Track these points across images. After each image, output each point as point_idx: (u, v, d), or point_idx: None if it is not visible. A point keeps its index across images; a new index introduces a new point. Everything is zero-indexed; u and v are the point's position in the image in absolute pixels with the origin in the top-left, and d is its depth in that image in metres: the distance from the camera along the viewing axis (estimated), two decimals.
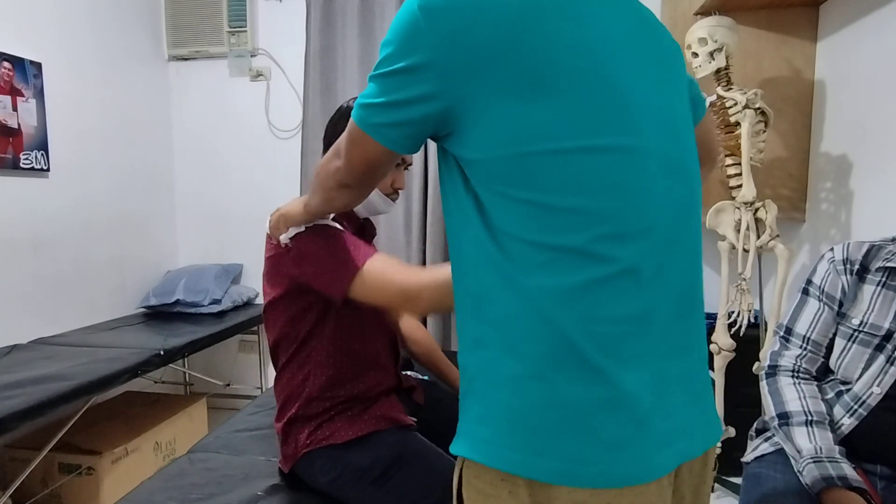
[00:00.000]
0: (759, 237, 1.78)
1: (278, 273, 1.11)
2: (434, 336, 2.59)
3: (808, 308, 1.15)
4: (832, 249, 1.14)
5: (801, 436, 1.04)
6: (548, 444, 0.60)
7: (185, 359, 2.74)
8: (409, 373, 1.40)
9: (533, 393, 0.61)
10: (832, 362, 1.11)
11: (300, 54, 2.75)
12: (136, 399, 2.46)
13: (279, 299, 1.13)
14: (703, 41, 1.75)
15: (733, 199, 1.79)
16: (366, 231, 1.26)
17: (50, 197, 2.28)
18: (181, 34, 2.88)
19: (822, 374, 1.14)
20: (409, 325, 1.49)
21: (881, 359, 1.02)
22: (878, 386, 1.01)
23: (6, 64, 2.08)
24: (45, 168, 2.24)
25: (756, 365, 1.82)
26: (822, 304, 1.13)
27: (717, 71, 1.76)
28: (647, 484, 0.60)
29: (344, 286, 1.00)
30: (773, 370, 1.16)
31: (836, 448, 1.02)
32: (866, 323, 1.05)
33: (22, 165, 2.14)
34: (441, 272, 0.93)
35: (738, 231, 1.77)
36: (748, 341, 1.89)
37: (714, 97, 1.77)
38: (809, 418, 1.05)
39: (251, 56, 2.85)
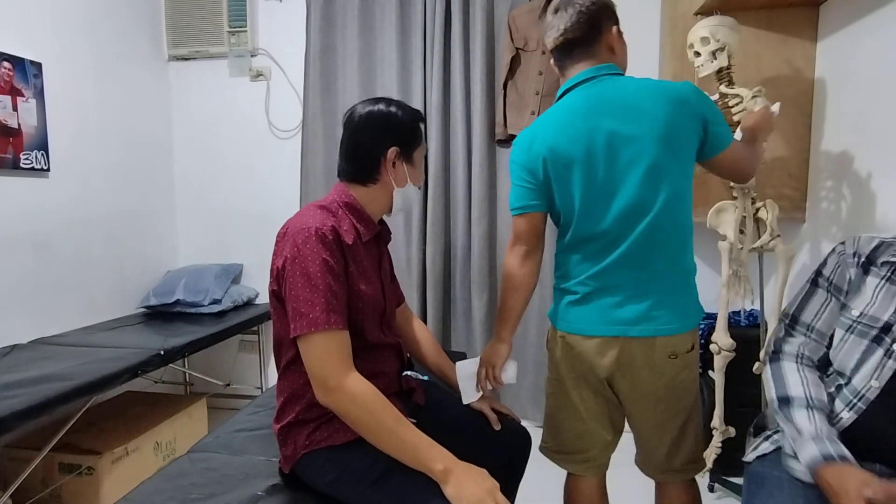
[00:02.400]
0: (759, 237, 1.78)
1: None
2: (435, 336, 2.58)
3: (815, 298, 1.15)
4: (843, 242, 1.14)
5: (801, 417, 1.03)
6: (560, 314, 1.29)
7: (185, 359, 2.74)
8: (409, 373, 1.39)
9: (558, 292, 1.31)
10: (830, 353, 1.11)
11: (300, 54, 2.76)
12: (136, 399, 2.46)
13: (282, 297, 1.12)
14: (705, 40, 1.75)
15: (734, 198, 1.79)
16: (381, 237, 1.28)
17: (50, 197, 2.28)
18: (181, 34, 2.89)
19: (824, 365, 1.14)
20: (412, 326, 1.49)
21: (879, 352, 1.01)
22: (876, 380, 1.01)
23: (6, 64, 2.08)
24: (45, 168, 2.24)
25: (756, 365, 1.82)
26: (829, 294, 1.13)
27: (719, 70, 1.76)
28: (586, 336, 1.23)
29: (294, 333, 1.05)
30: (776, 356, 1.16)
31: (836, 433, 1.02)
32: (865, 314, 1.04)
33: (22, 165, 2.14)
34: (370, 400, 1.02)
35: (740, 231, 1.78)
36: (748, 341, 1.89)
37: (717, 95, 1.76)
38: (811, 403, 1.04)
39: (251, 56, 2.86)
